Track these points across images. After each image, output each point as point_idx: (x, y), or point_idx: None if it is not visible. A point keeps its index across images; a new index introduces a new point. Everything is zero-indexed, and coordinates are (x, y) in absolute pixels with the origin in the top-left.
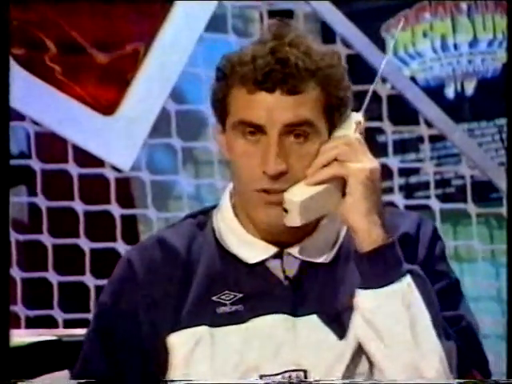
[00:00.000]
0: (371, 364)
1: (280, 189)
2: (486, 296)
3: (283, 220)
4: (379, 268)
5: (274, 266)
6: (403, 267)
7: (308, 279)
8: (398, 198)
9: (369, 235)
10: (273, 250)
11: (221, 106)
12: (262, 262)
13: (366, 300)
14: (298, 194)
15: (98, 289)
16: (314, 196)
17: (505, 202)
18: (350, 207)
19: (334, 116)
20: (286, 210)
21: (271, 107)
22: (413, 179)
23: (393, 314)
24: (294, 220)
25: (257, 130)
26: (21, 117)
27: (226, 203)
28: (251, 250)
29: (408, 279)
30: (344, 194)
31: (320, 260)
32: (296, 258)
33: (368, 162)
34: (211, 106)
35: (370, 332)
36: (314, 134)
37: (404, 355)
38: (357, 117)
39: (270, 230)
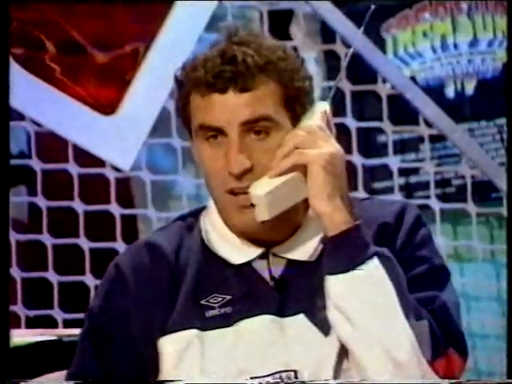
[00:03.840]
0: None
1: (247, 187)
2: (486, 296)
3: (256, 221)
4: (344, 252)
5: (260, 267)
6: (369, 250)
7: (294, 278)
8: (398, 198)
9: (332, 220)
10: (258, 250)
11: (183, 114)
12: (249, 263)
13: (333, 285)
14: (262, 188)
15: None
16: (279, 187)
17: (505, 201)
18: (313, 193)
19: (295, 107)
20: (253, 206)
21: (226, 108)
22: (413, 179)
23: (360, 298)
24: (263, 214)
25: (217, 132)
26: (21, 117)
27: (212, 205)
28: (237, 251)
29: (375, 262)
30: None
31: (305, 258)
32: (281, 257)
33: (328, 147)
34: (176, 115)
35: (340, 316)
36: (275, 128)
37: (373, 338)
38: (322, 106)
39: (247, 232)
